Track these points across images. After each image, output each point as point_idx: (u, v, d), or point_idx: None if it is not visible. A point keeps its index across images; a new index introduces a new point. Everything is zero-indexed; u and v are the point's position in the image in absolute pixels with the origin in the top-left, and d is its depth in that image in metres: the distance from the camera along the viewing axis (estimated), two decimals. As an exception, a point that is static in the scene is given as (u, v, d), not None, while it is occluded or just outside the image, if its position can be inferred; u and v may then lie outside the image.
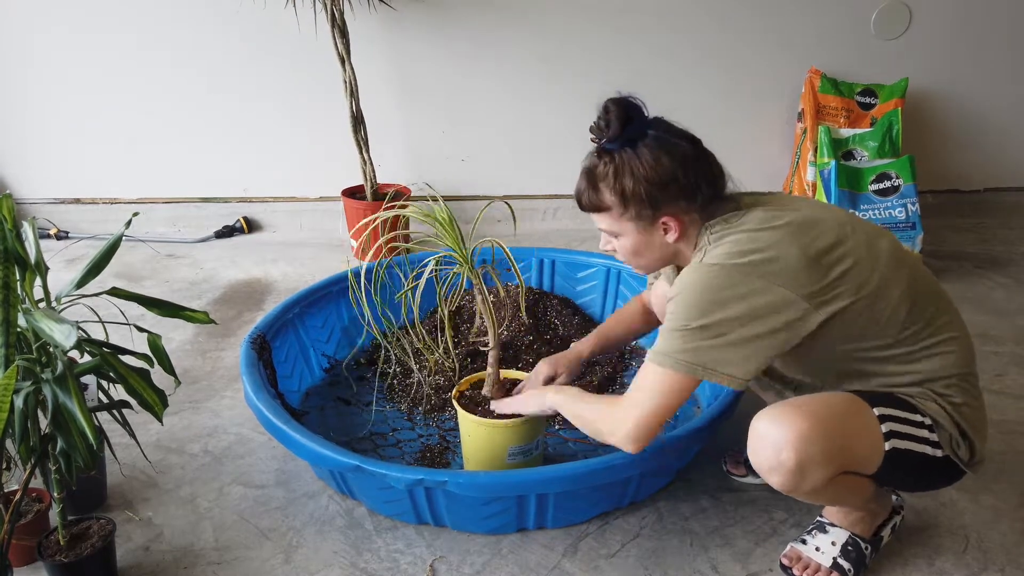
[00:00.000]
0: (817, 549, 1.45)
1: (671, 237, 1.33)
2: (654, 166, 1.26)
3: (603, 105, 1.29)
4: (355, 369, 2.16)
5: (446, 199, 3.28)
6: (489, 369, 1.66)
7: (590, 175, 1.33)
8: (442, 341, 1.59)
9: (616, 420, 1.29)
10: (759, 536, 1.57)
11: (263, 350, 1.87)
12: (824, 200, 2.96)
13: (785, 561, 1.48)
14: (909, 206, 2.69)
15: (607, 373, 2.08)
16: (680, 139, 1.29)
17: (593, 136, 1.32)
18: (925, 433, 1.28)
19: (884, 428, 1.25)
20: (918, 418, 1.29)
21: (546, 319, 2.26)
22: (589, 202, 1.35)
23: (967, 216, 3.31)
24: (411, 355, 1.91)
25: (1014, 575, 1.47)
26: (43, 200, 3.30)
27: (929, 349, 1.31)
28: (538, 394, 1.52)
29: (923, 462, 1.29)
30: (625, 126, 1.27)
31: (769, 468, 1.23)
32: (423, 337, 1.82)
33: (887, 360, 1.31)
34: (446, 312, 1.61)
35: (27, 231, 1.35)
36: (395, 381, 2.07)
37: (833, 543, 1.44)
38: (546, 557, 1.52)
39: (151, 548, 1.56)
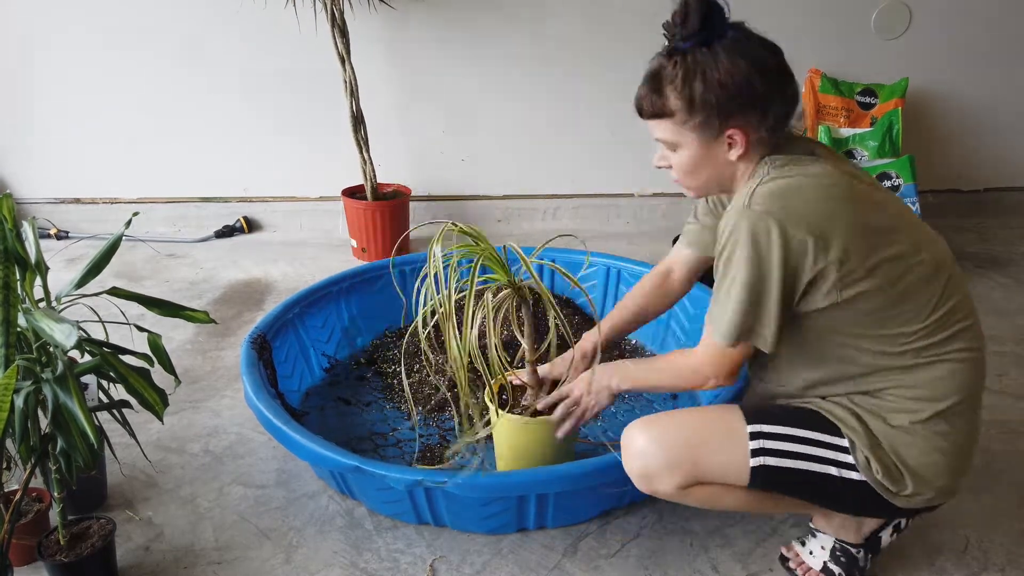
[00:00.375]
0: (811, 553, 1.46)
1: (735, 153, 1.23)
2: (730, 70, 1.17)
3: None
4: (355, 369, 2.16)
5: (446, 199, 3.32)
6: (528, 378, 1.63)
7: (655, 77, 1.23)
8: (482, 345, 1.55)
9: (702, 371, 1.30)
10: (759, 536, 1.57)
11: (263, 350, 1.87)
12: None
13: (785, 551, 1.49)
14: (909, 206, 2.69)
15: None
16: (761, 47, 1.20)
17: (665, 32, 1.22)
18: (827, 453, 1.25)
19: (753, 445, 1.25)
20: (824, 437, 1.25)
21: (546, 320, 2.25)
22: (651, 107, 1.24)
23: (967, 216, 3.32)
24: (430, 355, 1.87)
25: (1015, 574, 1.47)
26: (43, 200, 3.30)
27: (929, 367, 1.23)
28: (603, 385, 1.50)
29: (818, 480, 1.25)
30: (704, 22, 1.17)
31: (628, 472, 1.33)
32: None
33: (884, 354, 1.24)
34: (492, 323, 1.55)
35: (27, 231, 1.35)
36: (395, 381, 2.08)
37: (823, 548, 1.44)
38: (546, 557, 1.52)
39: (151, 548, 1.56)
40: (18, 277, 1.28)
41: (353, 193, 3.02)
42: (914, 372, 1.23)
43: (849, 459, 1.24)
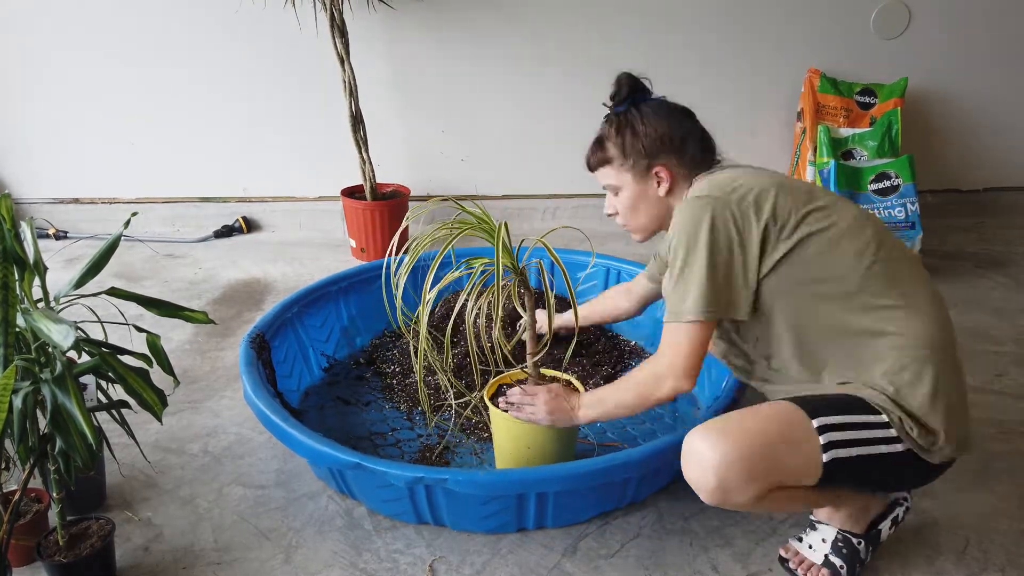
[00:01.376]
0: (810, 547, 1.46)
1: (663, 189, 1.49)
2: (652, 121, 1.48)
3: (616, 79, 1.52)
4: (354, 369, 2.16)
5: (446, 199, 3.31)
6: (530, 369, 1.64)
7: (598, 138, 1.55)
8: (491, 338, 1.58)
9: (663, 375, 1.39)
10: (759, 536, 1.56)
11: (262, 349, 1.87)
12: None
13: (783, 552, 1.49)
14: (908, 206, 2.69)
15: (607, 373, 2.08)
16: (674, 108, 1.52)
17: (607, 105, 1.54)
18: (878, 433, 1.26)
19: (823, 439, 1.24)
20: (871, 418, 1.27)
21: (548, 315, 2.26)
22: (595, 158, 1.55)
23: (967, 216, 3.32)
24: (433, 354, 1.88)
25: (1014, 574, 1.47)
26: (42, 200, 3.30)
27: (892, 310, 1.31)
28: (564, 414, 1.55)
29: (880, 461, 1.27)
30: (632, 91, 1.50)
31: (696, 486, 1.28)
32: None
33: (848, 308, 1.32)
34: (497, 318, 1.59)
35: (26, 231, 1.35)
36: (394, 381, 2.07)
37: (823, 540, 1.45)
38: (546, 557, 1.52)
39: (150, 548, 1.55)
40: (16, 277, 1.28)
41: (352, 193, 3.02)
42: (888, 324, 1.31)
43: (892, 432, 1.27)
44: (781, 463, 1.24)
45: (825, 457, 1.23)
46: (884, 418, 1.27)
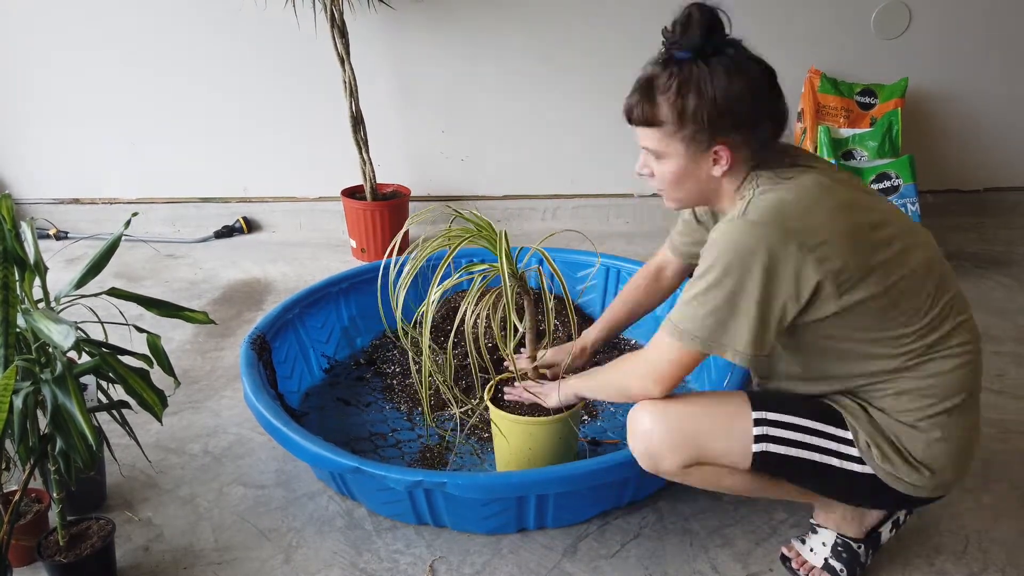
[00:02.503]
0: (811, 550, 1.46)
1: (719, 170, 1.23)
2: (726, 88, 1.16)
3: (685, 8, 1.18)
4: (354, 369, 2.16)
5: (446, 199, 3.31)
6: (529, 372, 1.65)
7: (648, 86, 1.22)
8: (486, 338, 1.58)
9: (643, 374, 1.31)
10: (759, 536, 1.56)
11: (263, 350, 1.87)
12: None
13: (785, 551, 1.50)
14: (909, 206, 2.69)
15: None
16: (757, 68, 1.20)
17: (664, 40, 1.21)
18: (832, 445, 1.26)
19: (756, 431, 1.26)
20: (832, 430, 1.26)
21: (545, 320, 2.26)
22: (641, 114, 1.23)
23: (967, 216, 3.31)
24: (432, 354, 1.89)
25: (1014, 574, 1.47)
26: (42, 200, 3.30)
27: (929, 361, 1.23)
28: (551, 389, 1.55)
29: (823, 471, 1.26)
30: (706, 35, 1.17)
31: (632, 450, 1.34)
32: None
33: (885, 352, 1.23)
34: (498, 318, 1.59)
35: (26, 231, 1.35)
36: (394, 381, 2.07)
37: (824, 544, 1.45)
38: (546, 557, 1.52)
39: (151, 548, 1.55)
40: (17, 277, 1.28)
41: (352, 193, 3.02)
42: (917, 370, 1.23)
43: (852, 451, 1.25)
44: (707, 440, 1.28)
45: (755, 448, 1.25)
46: (849, 435, 1.26)
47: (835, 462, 1.26)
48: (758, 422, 1.26)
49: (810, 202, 1.17)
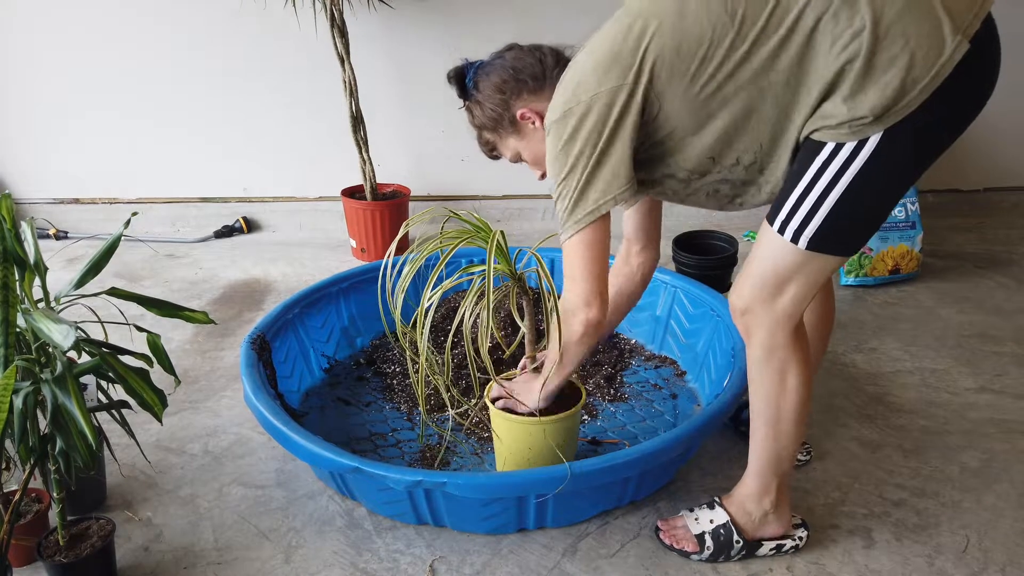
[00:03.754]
0: (696, 519, 1.52)
1: (537, 124, 1.52)
2: (485, 86, 1.54)
3: (447, 79, 1.61)
4: (354, 369, 2.16)
5: (446, 199, 3.31)
6: (528, 372, 1.65)
7: (477, 134, 1.65)
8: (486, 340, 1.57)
9: (570, 309, 1.43)
10: (759, 536, 1.56)
11: (263, 350, 1.87)
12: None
13: (660, 524, 1.55)
14: (909, 206, 2.69)
15: (608, 373, 2.08)
16: (497, 56, 1.56)
17: (459, 106, 1.64)
18: (829, 171, 1.23)
19: (787, 235, 1.27)
20: (817, 161, 1.23)
21: (545, 320, 2.26)
22: (485, 149, 1.66)
23: (967, 216, 3.31)
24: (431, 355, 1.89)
25: (1015, 574, 1.47)
26: (42, 200, 3.30)
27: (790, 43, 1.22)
28: (527, 385, 1.59)
29: (846, 196, 1.24)
30: (460, 79, 1.59)
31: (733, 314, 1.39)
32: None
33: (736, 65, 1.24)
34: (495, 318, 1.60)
35: (26, 231, 1.35)
36: (394, 381, 2.07)
37: (711, 521, 1.50)
38: (546, 557, 1.52)
39: (151, 548, 1.55)
40: (17, 277, 1.28)
41: (352, 193, 3.02)
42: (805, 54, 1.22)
43: (844, 155, 1.22)
44: (781, 281, 1.31)
45: (801, 243, 1.27)
46: (828, 148, 1.22)
47: (844, 178, 1.23)
48: (781, 228, 1.28)
49: (569, 76, 1.36)
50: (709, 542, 1.48)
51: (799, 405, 1.38)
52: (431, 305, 1.50)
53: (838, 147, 1.22)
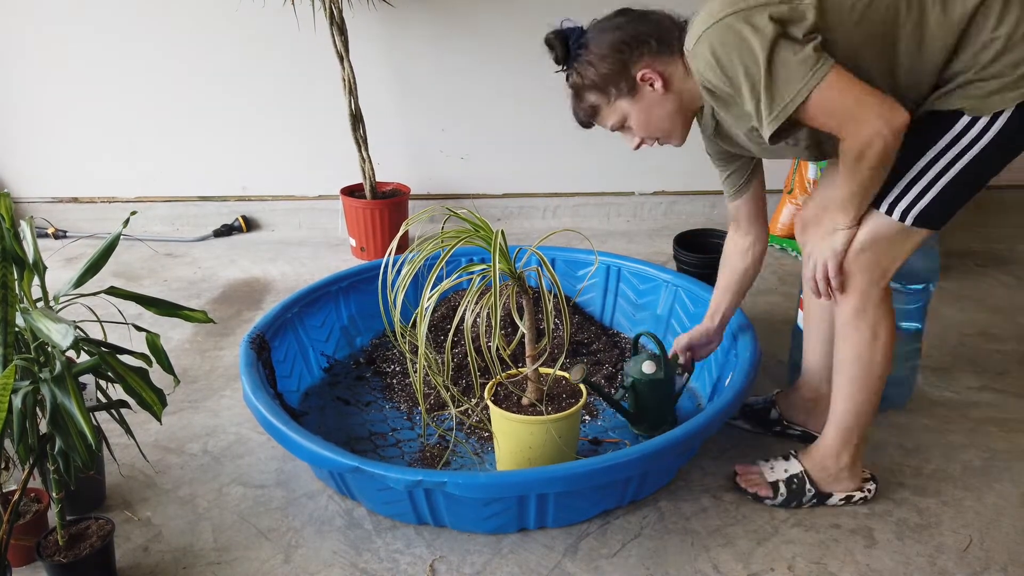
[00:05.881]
0: (771, 468, 1.63)
1: (659, 86, 1.42)
2: (599, 46, 1.43)
3: (545, 43, 1.50)
4: (354, 369, 2.16)
5: (446, 197, 3.31)
6: (529, 371, 1.64)
7: (573, 93, 1.53)
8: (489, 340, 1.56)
9: (868, 136, 1.28)
10: (761, 536, 1.56)
11: (262, 350, 1.86)
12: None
13: (738, 468, 1.65)
14: None
15: (608, 372, 2.08)
16: (609, 20, 1.47)
17: (557, 69, 1.52)
18: (955, 147, 1.30)
19: (896, 215, 1.36)
20: (947, 137, 1.30)
21: (545, 320, 2.25)
22: (583, 112, 1.53)
23: (969, 214, 3.30)
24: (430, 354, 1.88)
25: (1016, 573, 1.47)
26: (41, 199, 3.30)
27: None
28: (827, 235, 1.49)
29: (965, 171, 1.32)
30: (564, 41, 1.48)
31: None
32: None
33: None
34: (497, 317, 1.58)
35: (25, 230, 1.34)
36: (394, 381, 2.07)
37: (786, 470, 1.61)
38: (546, 557, 1.51)
39: (150, 548, 1.55)
40: (16, 276, 1.27)
41: (352, 192, 3.01)
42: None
43: (973, 131, 1.29)
44: (880, 252, 1.40)
45: (908, 221, 1.36)
46: (964, 120, 1.29)
47: (966, 156, 1.31)
48: (889, 209, 1.36)
49: None
50: (783, 489, 1.59)
51: (885, 360, 1.49)
52: (428, 307, 1.49)
53: (973, 121, 1.28)
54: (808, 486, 1.59)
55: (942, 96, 1.31)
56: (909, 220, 1.36)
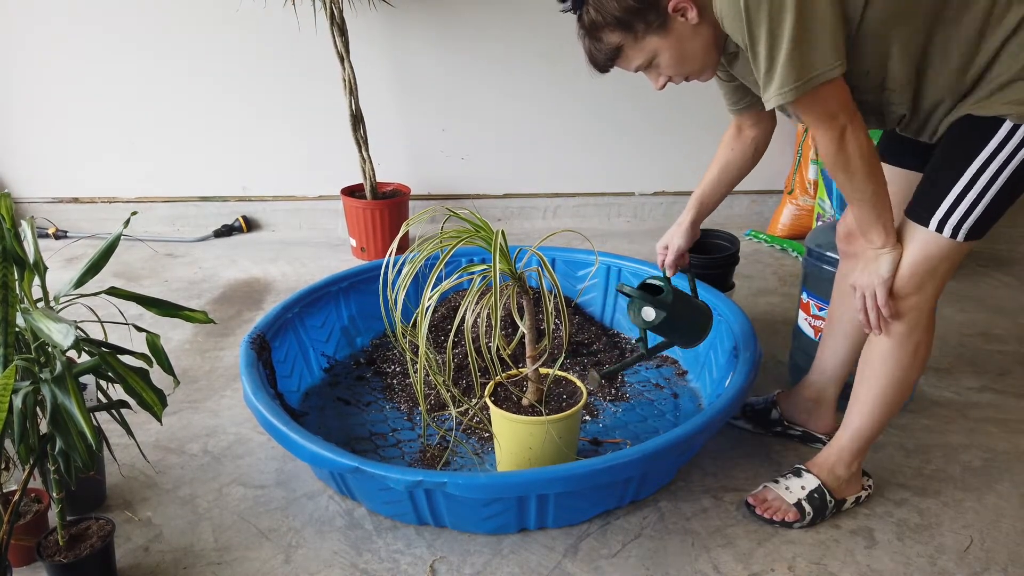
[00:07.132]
0: (787, 489, 1.58)
1: (693, 15, 1.25)
2: None
3: None
4: (354, 369, 2.16)
5: (446, 198, 3.31)
6: (529, 372, 1.64)
7: (585, 34, 1.34)
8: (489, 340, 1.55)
9: (833, 148, 1.28)
10: (761, 536, 1.56)
11: (262, 350, 1.86)
12: (826, 199, 2.96)
13: (751, 500, 1.59)
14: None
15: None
16: None
17: (563, 8, 1.36)
18: (997, 159, 1.26)
19: (946, 232, 1.31)
20: (990, 146, 1.26)
21: (545, 320, 2.25)
22: (603, 55, 1.33)
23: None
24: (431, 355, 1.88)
25: (1016, 574, 1.47)
26: (42, 199, 3.30)
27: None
28: (870, 261, 1.42)
29: (1010, 184, 1.28)
30: None
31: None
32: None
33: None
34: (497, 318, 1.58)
35: (26, 230, 1.34)
36: (394, 381, 2.07)
37: (803, 487, 1.57)
38: (547, 557, 1.51)
39: (150, 548, 1.55)
40: (16, 277, 1.27)
41: (352, 192, 3.01)
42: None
43: (1017, 138, 1.24)
44: (932, 271, 1.36)
45: (960, 236, 1.31)
46: (1007, 126, 1.23)
47: (1009, 168, 1.26)
48: (939, 227, 1.31)
49: None
50: (808, 508, 1.55)
51: (918, 376, 1.49)
52: (429, 307, 1.49)
53: (1015, 128, 1.24)
54: (828, 497, 1.57)
55: (981, 101, 1.26)
56: (961, 236, 1.31)
